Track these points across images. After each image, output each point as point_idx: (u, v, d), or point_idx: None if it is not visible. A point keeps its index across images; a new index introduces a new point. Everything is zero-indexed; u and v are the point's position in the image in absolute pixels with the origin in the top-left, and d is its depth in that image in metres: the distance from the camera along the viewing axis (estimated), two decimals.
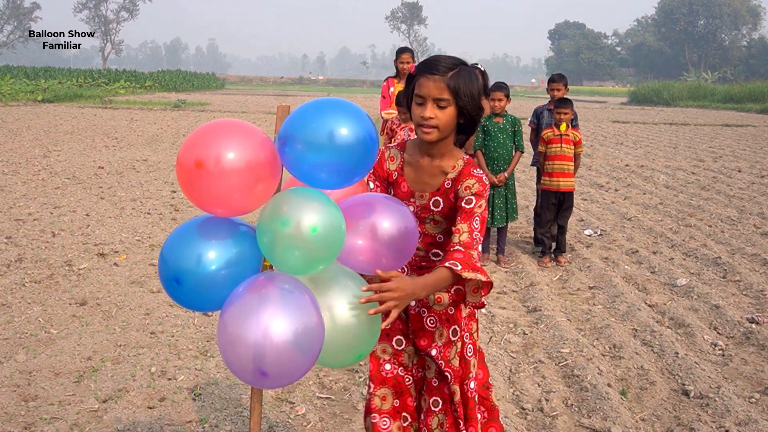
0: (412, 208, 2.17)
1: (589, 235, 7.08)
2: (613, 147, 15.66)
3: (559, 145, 5.97)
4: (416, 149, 2.18)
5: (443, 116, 2.04)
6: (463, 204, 2.07)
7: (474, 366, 2.29)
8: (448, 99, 2.02)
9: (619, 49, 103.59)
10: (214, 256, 1.87)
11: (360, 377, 3.71)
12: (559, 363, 3.93)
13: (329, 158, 1.85)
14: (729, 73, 79.58)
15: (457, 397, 2.24)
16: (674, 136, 18.67)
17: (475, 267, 2.00)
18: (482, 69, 2.27)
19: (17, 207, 7.62)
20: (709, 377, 3.70)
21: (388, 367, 2.30)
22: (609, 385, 3.61)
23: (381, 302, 1.86)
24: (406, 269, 2.24)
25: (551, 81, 6.44)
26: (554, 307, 4.85)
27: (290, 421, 3.24)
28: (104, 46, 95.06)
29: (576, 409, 3.41)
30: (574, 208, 6.59)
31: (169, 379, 3.57)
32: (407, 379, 2.31)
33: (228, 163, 1.78)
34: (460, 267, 1.96)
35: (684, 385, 3.65)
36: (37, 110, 22.73)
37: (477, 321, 2.35)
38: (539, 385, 3.64)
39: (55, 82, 36.53)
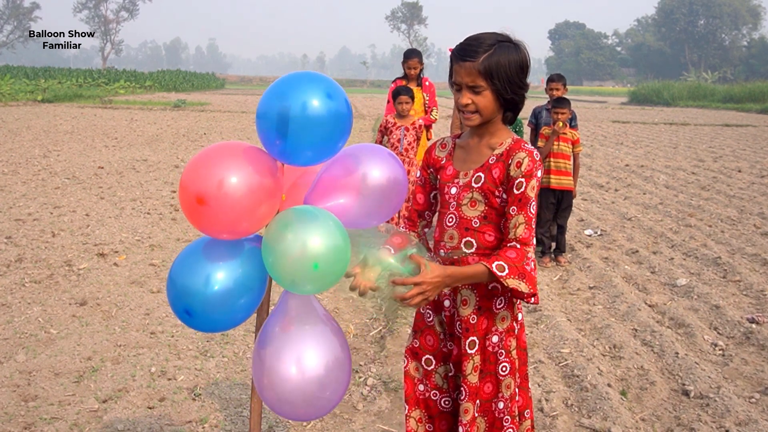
0: (454, 190, 2.08)
1: (589, 235, 7.08)
2: (613, 147, 15.66)
3: (556, 143, 5.97)
4: (469, 131, 2.13)
5: (481, 101, 1.97)
6: (514, 190, 1.97)
7: (507, 387, 2.09)
8: (482, 84, 1.95)
9: (619, 49, 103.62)
10: (221, 279, 1.89)
11: (360, 377, 3.71)
12: (559, 363, 3.93)
13: (302, 132, 1.83)
14: (729, 73, 79.58)
15: (468, 417, 2.04)
16: (674, 136, 18.66)
17: (523, 272, 1.91)
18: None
19: (17, 207, 7.62)
20: (709, 377, 3.70)
21: (421, 388, 2.19)
22: (609, 385, 3.61)
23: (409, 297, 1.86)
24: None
25: (550, 81, 6.44)
26: (554, 307, 4.85)
27: (290, 421, 3.24)
28: (104, 46, 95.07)
29: (576, 409, 3.41)
30: (574, 208, 6.59)
31: (169, 379, 3.57)
32: (444, 402, 2.17)
33: (229, 196, 1.79)
34: (506, 272, 1.89)
35: (684, 385, 3.65)
36: (37, 110, 22.73)
37: (518, 337, 2.13)
38: (539, 385, 3.64)
39: (54, 82, 36.53)
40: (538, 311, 4.76)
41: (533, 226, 1.98)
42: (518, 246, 1.95)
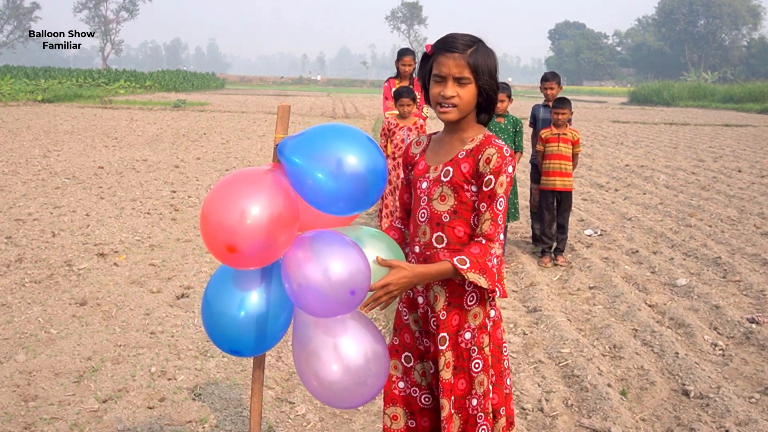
0: (425, 185, 2.10)
1: (589, 235, 7.08)
2: (613, 147, 15.66)
3: (556, 144, 5.97)
4: (444, 129, 2.16)
5: (464, 94, 2.01)
6: (483, 186, 2.00)
7: (481, 384, 2.09)
8: (468, 77, 1.99)
9: (619, 49, 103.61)
10: (254, 310, 1.94)
11: None
12: (559, 363, 3.93)
13: (339, 186, 1.87)
14: (729, 73, 79.56)
15: (444, 413, 2.06)
16: (674, 136, 18.67)
17: (484, 267, 1.95)
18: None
19: (17, 207, 7.62)
20: (709, 377, 3.70)
21: (401, 385, 2.20)
22: (609, 385, 3.61)
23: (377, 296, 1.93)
24: (413, 261, 2.14)
25: (544, 80, 6.46)
26: (554, 307, 4.85)
27: (290, 421, 3.24)
28: (104, 46, 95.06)
29: (576, 409, 3.41)
30: (574, 208, 6.58)
31: (169, 379, 3.57)
32: (425, 399, 2.20)
33: (259, 242, 1.81)
34: (467, 266, 1.93)
35: (684, 385, 3.65)
36: (37, 110, 22.73)
37: (491, 334, 2.13)
38: (539, 385, 3.64)
39: (55, 82, 36.51)
40: (538, 311, 4.77)
41: (500, 222, 2.02)
42: (483, 242, 2.00)
